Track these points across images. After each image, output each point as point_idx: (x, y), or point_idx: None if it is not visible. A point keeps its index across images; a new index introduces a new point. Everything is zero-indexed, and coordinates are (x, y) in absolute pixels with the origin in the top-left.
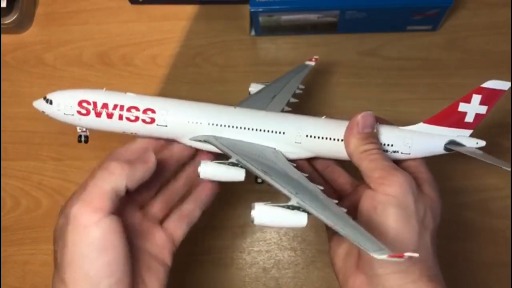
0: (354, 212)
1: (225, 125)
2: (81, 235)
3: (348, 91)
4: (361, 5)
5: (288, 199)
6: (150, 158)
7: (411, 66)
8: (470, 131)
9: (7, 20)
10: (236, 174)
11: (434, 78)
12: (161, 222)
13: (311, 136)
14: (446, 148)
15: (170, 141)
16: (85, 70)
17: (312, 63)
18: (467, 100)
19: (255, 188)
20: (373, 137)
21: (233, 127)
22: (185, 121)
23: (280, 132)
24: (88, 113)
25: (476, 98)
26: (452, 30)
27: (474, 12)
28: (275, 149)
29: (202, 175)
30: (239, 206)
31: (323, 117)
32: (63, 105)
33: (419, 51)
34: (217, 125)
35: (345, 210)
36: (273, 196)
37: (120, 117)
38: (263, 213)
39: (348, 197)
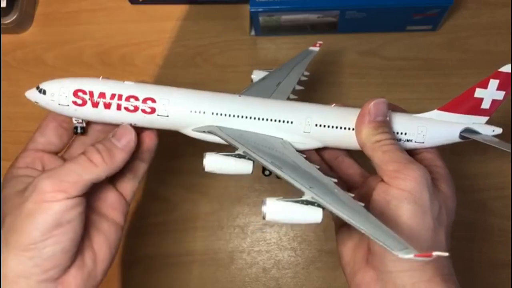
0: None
1: (229, 115)
2: (41, 208)
3: (348, 91)
4: (361, 5)
5: (301, 193)
6: (130, 147)
7: (411, 66)
8: (486, 118)
9: (7, 20)
10: (244, 167)
11: (434, 78)
12: (110, 181)
13: (320, 125)
14: (461, 136)
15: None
16: (85, 70)
17: (316, 49)
18: (484, 85)
19: (255, 186)
20: (386, 126)
21: (238, 116)
22: (187, 111)
23: (288, 121)
24: (84, 103)
25: (493, 83)
26: (452, 30)
27: (474, 12)
28: (282, 139)
29: (207, 168)
30: (239, 205)
31: (333, 105)
32: (57, 95)
33: (419, 51)
34: (221, 114)
35: (363, 204)
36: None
37: (119, 107)
38: (275, 209)
39: (358, 189)
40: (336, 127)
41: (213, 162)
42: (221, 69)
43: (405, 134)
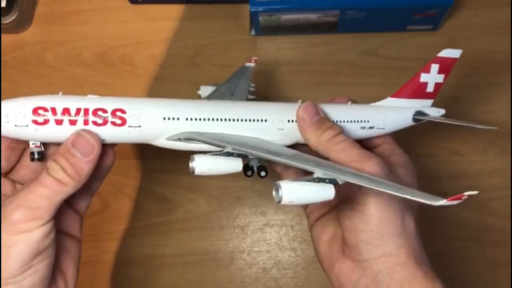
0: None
1: (205, 119)
2: (17, 240)
3: (348, 91)
4: (361, 5)
5: (311, 173)
6: (95, 158)
7: (411, 66)
8: (431, 101)
9: (7, 20)
10: (234, 165)
11: None
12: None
13: (293, 121)
14: (414, 119)
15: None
16: (84, 70)
17: (252, 65)
18: (427, 70)
19: (255, 187)
20: (327, 121)
21: (213, 119)
22: (160, 118)
23: (262, 120)
24: (46, 121)
25: (435, 67)
26: (452, 30)
27: (474, 12)
28: (259, 138)
29: (197, 171)
30: (239, 206)
31: (299, 102)
32: (13, 115)
33: (419, 51)
34: (195, 119)
35: (368, 175)
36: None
37: (86, 123)
38: (291, 191)
39: None
40: None
41: (202, 163)
42: (221, 69)
43: (368, 121)
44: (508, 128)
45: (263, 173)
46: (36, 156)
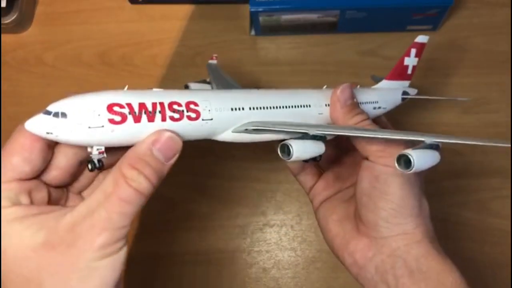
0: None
1: (264, 107)
2: (102, 264)
3: None
4: (361, 5)
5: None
6: (174, 161)
7: None
8: (409, 82)
9: (7, 20)
10: (319, 147)
11: (434, 78)
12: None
13: (328, 105)
14: (402, 99)
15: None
16: (85, 70)
17: (214, 61)
18: (408, 54)
19: (255, 187)
20: (357, 107)
21: (270, 108)
22: (228, 109)
23: (307, 106)
24: (124, 119)
25: (413, 51)
26: (452, 30)
27: (474, 12)
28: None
29: (295, 156)
30: (239, 206)
31: (324, 87)
32: (85, 115)
33: None
34: (257, 108)
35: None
36: (274, 193)
37: (163, 118)
38: (299, 147)
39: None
40: None
41: (300, 148)
42: (221, 69)
43: (377, 102)
44: (508, 128)
45: (318, 157)
46: (97, 165)
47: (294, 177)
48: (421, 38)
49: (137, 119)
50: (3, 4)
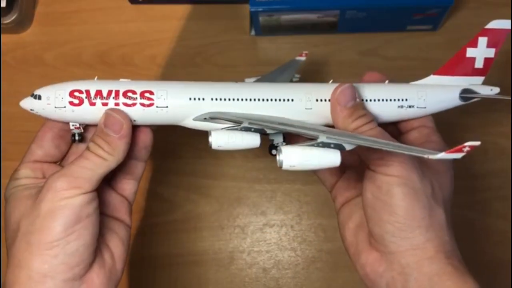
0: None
1: (229, 99)
2: (60, 205)
3: None
4: (361, 5)
5: (315, 139)
6: (126, 133)
7: (411, 66)
8: (482, 78)
9: (7, 20)
10: (251, 140)
11: None
12: (109, 183)
13: (322, 100)
14: (462, 98)
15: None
16: (85, 70)
17: (303, 58)
18: (474, 44)
19: (255, 187)
20: (360, 109)
21: (238, 99)
22: (186, 99)
23: (288, 100)
24: (81, 102)
25: (483, 40)
26: (453, 30)
27: (474, 12)
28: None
29: (214, 145)
30: (239, 206)
31: (331, 81)
32: (53, 97)
33: (419, 51)
34: (221, 99)
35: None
36: (274, 193)
37: (116, 104)
38: (292, 155)
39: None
40: None
41: (219, 138)
42: (221, 69)
43: (406, 100)
44: (508, 128)
45: (274, 151)
46: (77, 138)
47: (294, 177)
48: (496, 24)
49: (92, 104)
50: (3, 4)
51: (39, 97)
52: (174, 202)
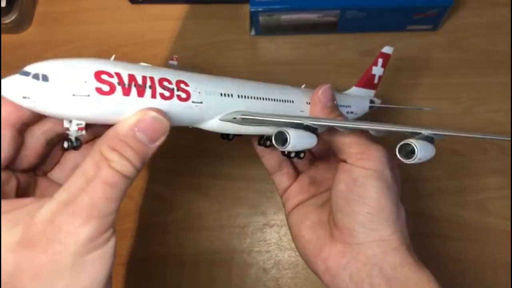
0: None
1: (251, 97)
2: (92, 257)
3: None
4: (361, 5)
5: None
6: (159, 145)
7: (411, 66)
8: (374, 91)
9: (7, 20)
10: (312, 139)
11: (434, 78)
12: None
13: (309, 104)
14: (369, 107)
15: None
16: None
17: (175, 63)
18: (376, 64)
19: (255, 187)
20: (337, 109)
21: (258, 98)
22: (218, 94)
23: (291, 101)
24: (112, 90)
25: (380, 61)
26: (453, 30)
27: (474, 12)
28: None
29: (291, 145)
30: (239, 206)
31: (303, 86)
32: (70, 79)
33: (419, 51)
34: (244, 97)
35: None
36: (274, 193)
37: (153, 95)
38: (295, 136)
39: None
40: None
41: (297, 137)
42: (221, 69)
43: (350, 107)
44: (508, 128)
45: (301, 154)
46: (74, 144)
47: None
48: (387, 49)
49: (126, 92)
50: (3, 4)
51: (45, 78)
52: (174, 202)
